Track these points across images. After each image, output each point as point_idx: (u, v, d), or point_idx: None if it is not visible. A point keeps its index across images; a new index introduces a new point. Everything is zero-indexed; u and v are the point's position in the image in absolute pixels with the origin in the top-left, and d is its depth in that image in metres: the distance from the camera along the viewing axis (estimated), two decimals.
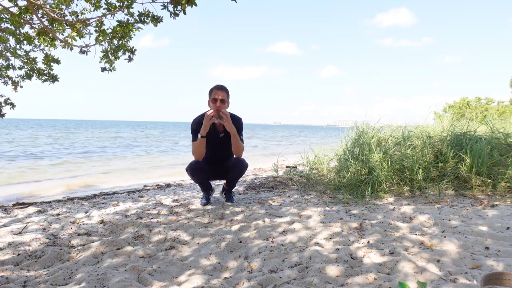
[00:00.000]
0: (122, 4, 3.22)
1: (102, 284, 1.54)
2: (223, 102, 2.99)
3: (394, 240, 2.03)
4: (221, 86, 3.04)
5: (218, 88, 3.01)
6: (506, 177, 3.24)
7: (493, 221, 2.26)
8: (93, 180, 6.63)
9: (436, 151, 3.83)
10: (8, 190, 5.43)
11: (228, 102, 3.08)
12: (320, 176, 4.69)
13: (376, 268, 1.62)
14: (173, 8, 3.00)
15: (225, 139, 3.14)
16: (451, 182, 3.47)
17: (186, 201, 3.51)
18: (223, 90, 3.02)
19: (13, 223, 2.78)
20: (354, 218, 2.60)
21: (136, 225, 2.55)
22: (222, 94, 2.99)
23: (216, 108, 2.95)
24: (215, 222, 2.64)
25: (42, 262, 1.85)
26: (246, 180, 4.99)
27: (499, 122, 5.14)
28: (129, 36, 3.58)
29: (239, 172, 3.20)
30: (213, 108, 2.96)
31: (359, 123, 4.94)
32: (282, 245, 2.01)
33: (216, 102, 2.96)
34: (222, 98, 2.98)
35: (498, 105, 22.58)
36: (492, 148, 3.55)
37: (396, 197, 3.31)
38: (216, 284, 1.53)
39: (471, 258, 1.69)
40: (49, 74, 3.92)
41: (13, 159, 9.98)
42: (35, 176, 7.17)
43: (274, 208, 3.04)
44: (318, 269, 1.60)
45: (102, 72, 3.82)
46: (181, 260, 1.87)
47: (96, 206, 3.45)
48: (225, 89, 3.03)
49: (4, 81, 3.92)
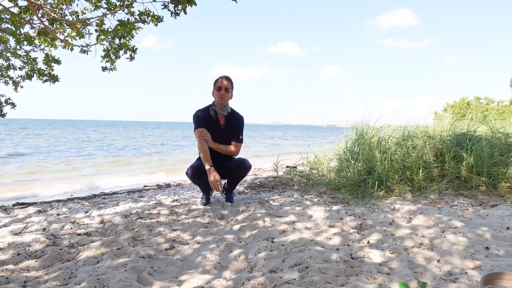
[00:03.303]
0: (122, 3, 3.22)
1: (102, 284, 1.54)
2: (227, 91, 3.12)
3: (394, 240, 2.03)
4: (226, 76, 3.17)
5: (223, 78, 3.14)
6: (506, 177, 3.24)
7: (493, 221, 2.26)
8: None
9: (437, 151, 3.83)
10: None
11: (231, 93, 3.19)
12: (320, 176, 4.69)
13: (376, 268, 1.62)
14: (173, 7, 3.01)
15: (226, 130, 3.21)
16: (451, 182, 3.47)
17: (186, 201, 3.51)
18: (228, 80, 3.14)
19: (13, 223, 2.78)
20: (354, 218, 2.60)
21: (136, 225, 2.55)
22: (227, 83, 3.12)
23: (215, 148, 3.13)
24: (215, 222, 2.64)
25: (42, 262, 1.85)
26: (246, 180, 4.99)
27: (499, 122, 5.14)
28: (131, 35, 3.59)
29: (242, 172, 3.22)
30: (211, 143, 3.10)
31: (359, 123, 4.94)
32: (282, 245, 2.01)
33: (221, 90, 3.09)
34: (226, 87, 3.11)
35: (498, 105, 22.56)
36: (492, 148, 3.55)
37: (396, 197, 3.31)
38: (216, 284, 1.53)
39: (471, 258, 1.69)
40: (50, 74, 3.92)
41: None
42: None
43: (274, 208, 3.04)
44: (318, 269, 1.60)
45: (103, 72, 3.82)
46: (181, 260, 1.87)
47: (96, 206, 3.45)
48: (229, 80, 3.15)
49: (5, 81, 3.92)
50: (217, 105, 3.13)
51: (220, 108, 3.14)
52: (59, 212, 3.21)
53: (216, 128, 3.17)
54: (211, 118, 3.15)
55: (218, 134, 3.17)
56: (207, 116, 3.15)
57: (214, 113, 3.15)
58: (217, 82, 3.13)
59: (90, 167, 8.89)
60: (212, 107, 3.16)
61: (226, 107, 3.16)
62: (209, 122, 3.14)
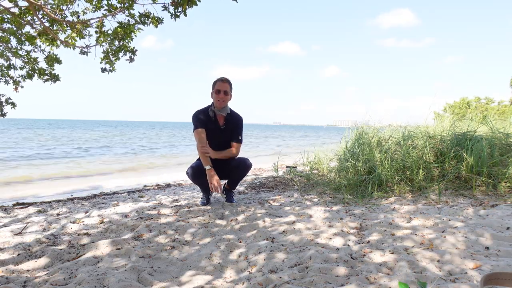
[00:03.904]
0: (122, 5, 3.23)
1: (102, 284, 1.54)
2: (226, 94, 3.12)
3: (394, 240, 2.03)
4: (225, 78, 3.15)
5: (222, 80, 3.13)
6: (506, 177, 3.24)
7: (493, 221, 2.26)
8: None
9: (437, 151, 3.83)
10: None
11: (230, 95, 3.19)
12: (320, 176, 4.69)
13: (376, 268, 1.62)
14: (173, 9, 3.01)
15: (225, 131, 3.21)
16: (451, 182, 3.47)
17: (186, 201, 3.51)
18: (227, 82, 3.13)
19: (13, 223, 2.78)
20: (354, 218, 2.60)
21: (136, 225, 2.55)
22: (226, 86, 3.11)
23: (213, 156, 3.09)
24: (215, 222, 2.64)
25: (42, 262, 1.85)
26: (246, 180, 4.99)
27: (499, 122, 5.14)
28: (130, 37, 3.59)
29: (242, 172, 3.22)
30: (210, 152, 3.08)
31: (360, 123, 4.94)
32: (282, 245, 2.01)
33: (220, 93, 3.08)
34: (225, 90, 3.11)
35: (498, 105, 22.55)
36: (492, 148, 3.55)
37: (397, 197, 3.30)
38: (217, 284, 1.53)
39: (471, 258, 1.69)
40: (51, 74, 3.93)
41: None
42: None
43: (274, 208, 3.04)
44: (318, 269, 1.60)
45: (102, 73, 3.83)
46: (181, 260, 1.87)
47: (96, 206, 3.46)
48: (228, 82, 3.15)
49: (6, 80, 3.92)
50: (217, 107, 3.14)
51: (219, 109, 3.15)
52: (59, 212, 3.21)
53: (216, 129, 3.17)
54: (210, 119, 3.15)
55: (217, 134, 3.18)
56: (206, 117, 3.15)
57: (213, 114, 3.16)
58: (215, 84, 3.12)
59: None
60: (211, 108, 3.16)
61: (225, 108, 3.17)
62: (208, 123, 3.15)
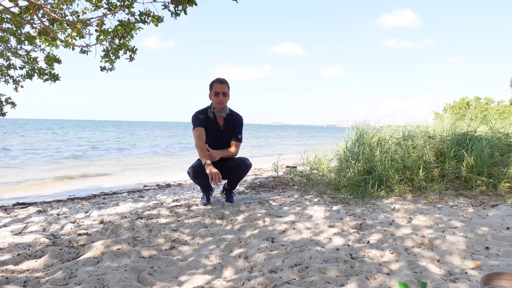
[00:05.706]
0: (122, 3, 3.22)
1: (102, 284, 1.54)
2: (225, 95, 3.11)
3: (394, 240, 2.03)
4: (223, 79, 3.14)
5: (220, 81, 3.11)
6: (506, 177, 3.24)
7: (493, 221, 2.26)
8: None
9: (437, 151, 3.82)
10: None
11: (228, 95, 3.18)
12: (320, 176, 4.69)
13: (376, 268, 1.62)
14: (174, 7, 3.01)
15: (225, 131, 3.21)
16: (452, 182, 3.47)
17: (186, 201, 3.51)
18: (225, 83, 3.12)
19: (13, 223, 2.78)
20: (354, 218, 2.60)
21: (136, 225, 2.55)
22: (224, 87, 3.10)
23: (213, 156, 3.03)
24: (215, 222, 2.64)
25: (42, 262, 1.85)
26: (246, 180, 4.99)
27: (499, 122, 5.14)
28: (130, 36, 3.59)
29: (243, 171, 3.22)
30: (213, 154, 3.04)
31: (360, 123, 4.94)
32: (282, 245, 2.00)
33: (219, 96, 3.07)
34: (224, 92, 3.09)
35: (498, 105, 22.55)
36: (492, 148, 3.55)
37: (397, 197, 3.30)
38: (217, 284, 1.53)
39: (471, 258, 1.69)
40: (50, 74, 3.93)
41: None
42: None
43: (274, 208, 3.04)
44: (318, 269, 1.60)
45: (101, 72, 3.82)
46: (181, 260, 1.87)
47: (96, 206, 3.45)
48: (226, 83, 3.13)
49: (5, 79, 3.92)
50: (216, 108, 3.14)
51: (218, 110, 3.15)
52: (59, 212, 3.21)
53: (215, 129, 3.17)
54: (210, 119, 3.15)
55: (217, 135, 3.18)
56: (206, 117, 3.15)
57: (213, 115, 3.15)
58: (213, 86, 3.11)
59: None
60: (210, 109, 3.16)
61: (224, 109, 3.17)
62: (208, 123, 3.14)
